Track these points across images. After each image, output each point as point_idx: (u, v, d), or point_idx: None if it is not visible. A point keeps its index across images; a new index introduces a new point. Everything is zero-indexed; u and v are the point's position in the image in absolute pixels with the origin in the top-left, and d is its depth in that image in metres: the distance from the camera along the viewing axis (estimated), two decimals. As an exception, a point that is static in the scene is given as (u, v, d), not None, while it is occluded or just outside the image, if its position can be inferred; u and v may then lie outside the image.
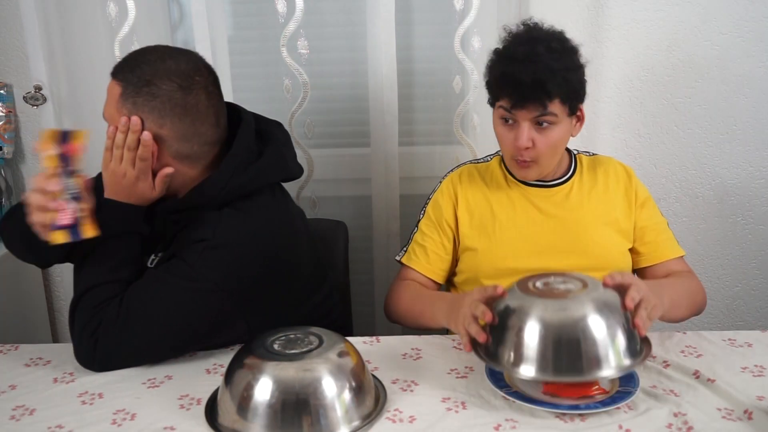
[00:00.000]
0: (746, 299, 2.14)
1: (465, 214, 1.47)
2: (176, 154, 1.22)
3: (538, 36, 1.33)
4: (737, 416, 1.01)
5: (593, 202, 1.45)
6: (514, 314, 1.06)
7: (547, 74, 1.27)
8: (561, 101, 1.30)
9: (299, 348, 1.03)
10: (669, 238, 1.47)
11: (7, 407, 1.09)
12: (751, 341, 1.24)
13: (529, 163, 1.37)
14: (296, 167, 1.39)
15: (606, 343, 1.02)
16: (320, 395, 0.98)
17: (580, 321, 1.03)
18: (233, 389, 1.01)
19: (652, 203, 1.49)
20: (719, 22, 1.90)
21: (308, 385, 0.98)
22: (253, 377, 0.99)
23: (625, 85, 1.96)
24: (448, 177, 1.54)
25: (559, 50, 1.30)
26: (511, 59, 1.31)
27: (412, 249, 1.50)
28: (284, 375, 0.99)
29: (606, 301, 1.06)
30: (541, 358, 1.03)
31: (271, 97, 2.02)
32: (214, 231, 1.21)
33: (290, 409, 0.97)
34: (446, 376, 1.16)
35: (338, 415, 0.99)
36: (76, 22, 1.89)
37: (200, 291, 1.19)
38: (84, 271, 1.23)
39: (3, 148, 1.99)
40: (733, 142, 2.01)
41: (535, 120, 1.32)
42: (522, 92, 1.28)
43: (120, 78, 1.20)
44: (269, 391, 0.98)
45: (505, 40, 1.37)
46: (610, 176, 1.48)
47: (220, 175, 1.24)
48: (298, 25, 1.85)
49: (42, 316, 2.13)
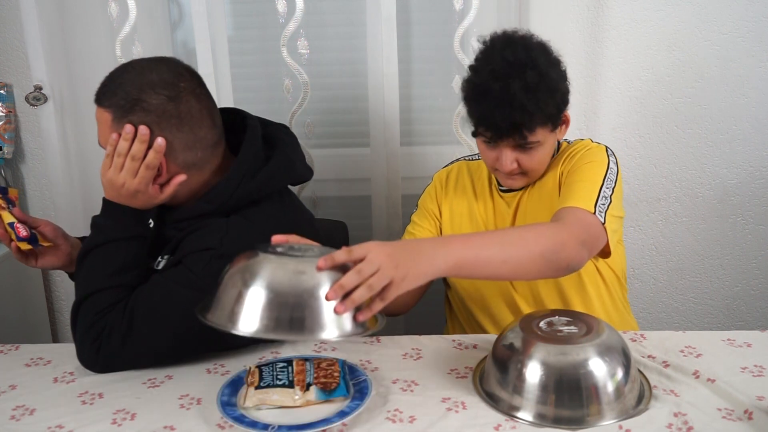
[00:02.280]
0: (746, 299, 2.14)
1: (447, 212, 1.50)
2: (183, 163, 1.21)
3: (515, 62, 1.25)
4: (737, 416, 1.01)
5: (550, 196, 1.37)
6: (516, 354, 1.05)
7: (524, 117, 1.24)
8: (542, 127, 1.29)
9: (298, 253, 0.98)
10: (579, 190, 1.27)
11: (7, 407, 1.09)
12: (750, 341, 1.24)
13: (515, 176, 1.36)
14: (305, 170, 1.39)
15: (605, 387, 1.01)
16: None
17: None
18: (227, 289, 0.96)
19: (583, 157, 1.35)
20: (719, 22, 1.91)
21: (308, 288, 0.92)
22: (251, 276, 0.94)
23: (625, 85, 1.96)
24: (438, 173, 1.57)
25: (534, 85, 1.23)
26: (485, 97, 1.26)
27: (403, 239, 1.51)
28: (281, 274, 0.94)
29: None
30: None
31: (271, 97, 2.03)
32: (222, 240, 1.20)
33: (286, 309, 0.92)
34: (446, 376, 1.16)
35: (325, 318, 0.92)
36: (77, 22, 1.90)
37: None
38: (86, 274, 1.22)
39: (3, 148, 1.99)
40: (733, 142, 2.01)
41: (517, 144, 1.30)
42: (499, 132, 1.27)
43: (106, 105, 1.18)
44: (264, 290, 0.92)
45: (480, 65, 1.30)
46: (565, 154, 1.39)
47: (228, 182, 1.23)
48: (298, 25, 1.85)
49: (42, 316, 2.13)
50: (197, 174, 1.25)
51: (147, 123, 1.16)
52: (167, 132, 1.18)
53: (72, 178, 1.96)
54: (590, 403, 1.00)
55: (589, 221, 1.21)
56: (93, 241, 1.22)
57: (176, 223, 1.27)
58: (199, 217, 1.24)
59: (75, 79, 1.92)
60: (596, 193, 1.26)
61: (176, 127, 1.18)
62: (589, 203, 1.23)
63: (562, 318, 1.09)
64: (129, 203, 1.21)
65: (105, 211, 1.23)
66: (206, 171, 1.25)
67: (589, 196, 1.25)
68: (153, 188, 1.21)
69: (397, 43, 1.85)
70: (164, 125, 1.17)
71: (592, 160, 1.34)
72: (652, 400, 1.06)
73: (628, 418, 1.01)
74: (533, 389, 1.02)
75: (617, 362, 1.03)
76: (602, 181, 1.28)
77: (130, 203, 1.21)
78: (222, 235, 1.20)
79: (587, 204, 1.23)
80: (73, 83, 1.92)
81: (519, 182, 1.39)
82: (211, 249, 1.19)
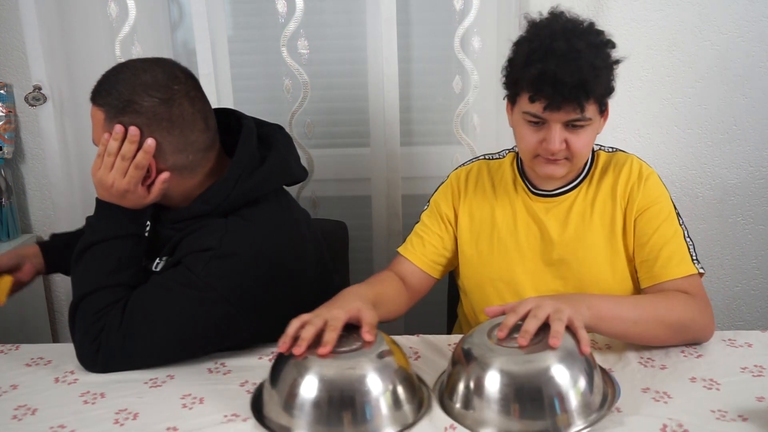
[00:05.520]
0: (746, 299, 2.15)
1: (466, 216, 1.41)
2: (173, 166, 1.21)
3: (573, 29, 1.20)
4: (731, 418, 1.01)
5: (596, 215, 1.33)
6: (474, 362, 1.00)
7: (590, 73, 1.15)
8: (596, 101, 1.20)
9: (347, 346, 1.01)
10: (673, 253, 1.26)
11: (8, 407, 1.09)
12: (751, 341, 1.24)
13: (560, 160, 1.26)
14: (300, 170, 1.39)
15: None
16: (366, 393, 0.97)
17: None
18: (280, 386, 1.00)
19: (661, 209, 1.31)
20: (719, 22, 1.91)
21: (355, 381, 0.97)
22: (300, 375, 0.98)
23: (625, 85, 1.96)
24: (456, 172, 1.46)
25: (598, 45, 1.19)
26: (548, 55, 1.16)
27: (410, 239, 1.43)
28: (329, 373, 0.98)
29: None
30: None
31: (271, 97, 2.03)
32: (221, 240, 1.20)
33: (336, 407, 0.96)
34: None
35: (383, 414, 0.97)
36: (77, 22, 1.90)
37: (205, 300, 1.18)
38: (82, 274, 1.22)
39: (3, 148, 1.99)
40: (733, 142, 2.01)
41: (567, 122, 1.21)
42: (562, 93, 1.16)
43: (100, 103, 1.19)
44: (315, 387, 0.96)
45: (533, 32, 1.22)
46: (620, 179, 1.33)
47: (224, 183, 1.23)
48: (298, 25, 1.85)
49: (42, 316, 2.13)
50: (190, 176, 1.24)
51: (138, 124, 1.17)
52: (157, 134, 1.18)
53: (71, 178, 1.96)
54: (554, 412, 0.95)
55: (699, 283, 1.26)
56: (87, 241, 1.22)
57: (173, 224, 1.27)
58: (196, 218, 1.24)
59: (74, 80, 1.92)
60: (685, 246, 1.28)
61: (167, 129, 1.18)
62: (690, 265, 1.26)
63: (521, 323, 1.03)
64: (119, 203, 1.21)
65: (98, 211, 1.23)
66: (199, 173, 1.25)
67: (684, 256, 1.27)
68: (142, 189, 1.21)
69: (397, 43, 1.86)
70: (155, 127, 1.17)
71: (657, 201, 1.32)
72: (648, 402, 1.05)
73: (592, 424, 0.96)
74: (494, 399, 0.96)
75: (578, 369, 0.97)
76: (680, 226, 1.31)
77: (120, 203, 1.21)
78: (221, 235, 1.20)
79: (690, 267, 1.26)
80: (72, 83, 1.92)
81: (561, 169, 1.27)
82: (210, 249, 1.19)
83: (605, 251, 1.32)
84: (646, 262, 1.29)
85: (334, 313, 1.03)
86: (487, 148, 1.76)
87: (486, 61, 1.89)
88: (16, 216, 2.06)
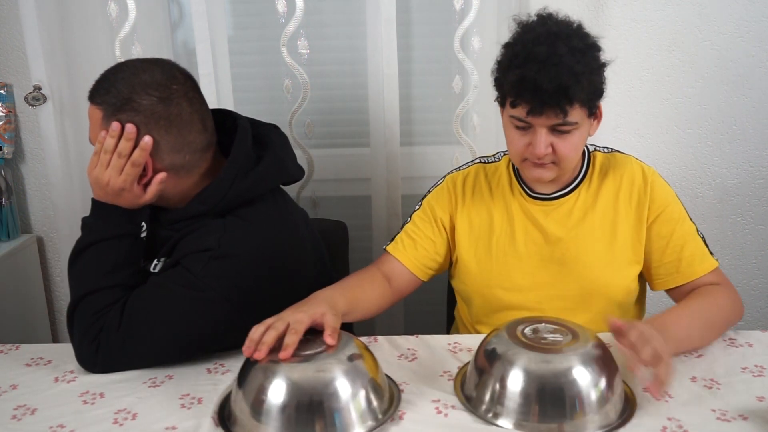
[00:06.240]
0: (746, 299, 2.11)
1: (465, 224, 1.39)
2: (170, 166, 1.21)
3: (558, 32, 1.19)
4: (731, 417, 1.01)
5: (597, 219, 1.33)
6: (498, 361, 1.03)
7: (570, 79, 1.14)
8: (581, 105, 1.19)
9: (312, 349, 1.02)
10: (695, 251, 1.30)
11: (8, 407, 1.09)
12: (751, 341, 1.24)
13: (547, 164, 1.25)
14: (296, 169, 1.39)
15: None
16: (335, 397, 0.97)
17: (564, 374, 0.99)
18: (247, 391, 1.00)
19: (673, 211, 1.32)
20: (719, 22, 1.91)
21: (325, 386, 0.98)
22: (266, 379, 0.98)
23: (625, 85, 1.96)
24: (452, 176, 1.44)
25: (581, 49, 1.18)
26: (528, 60, 1.16)
27: (401, 238, 1.40)
28: (298, 377, 0.98)
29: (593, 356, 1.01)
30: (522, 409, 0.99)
31: (271, 97, 2.03)
32: (219, 241, 1.20)
33: (304, 411, 0.96)
34: (438, 378, 1.14)
35: (353, 417, 0.98)
36: (76, 22, 1.89)
37: (204, 300, 1.18)
38: (79, 275, 1.22)
39: (3, 148, 1.99)
40: (733, 142, 2.01)
41: (552, 127, 1.21)
42: (542, 99, 1.16)
43: (98, 102, 1.19)
44: (283, 393, 0.97)
45: (519, 35, 1.22)
46: (623, 183, 1.33)
47: (220, 183, 1.23)
48: (298, 25, 1.85)
49: (42, 316, 2.13)
50: (186, 177, 1.24)
51: (135, 122, 1.17)
52: (155, 133, 1.18)
53: (71, 178, 1.96)
54: (573, 414, 0.97)
55: (721, 272, 1.32)
56: (84, 241, 1.22)
57: (171, 225, 1.27)
58: (193, 218, 1.24)
59: (74, 80, 1.91)
60: (701, 241, 1.33)
61: (164, 129, 1.18)
62: (711, 259, 1.32)
63: (549, 326, 1.07)
64: (115, 202, 1.21)
65: (94, 211, 1.23)
66: (195, 174, 1.25)
67: (704, 251, 1.32)
68: (138, 188, 1.20)
69: (397, 43, 1.85)
70: (152, 126, 1.17)
71: (669, 202, 1.33)
72: (648, 402, 1.05)
73: (611, 430, 0.98)
74: (514, 397, 0.99)
75: (600, 372, 0.99)
76: (692, 223, 1.34)
77: (116, 202, 1.21)
78: (219, 236, 1.21)
79: (711, 261, 1.32)
80: (72, 83, 1.92)
81: (549, 173, 1.26)
82: (209, 250, 1.19)
83: (605, 255, 1.32)
84: (670, 263, 1.31)
85: (297, 317, 1.04)
86: (486, 148, 1.76)
87: (486, 61, 1.88)
88: (16, 216, 2.06)
